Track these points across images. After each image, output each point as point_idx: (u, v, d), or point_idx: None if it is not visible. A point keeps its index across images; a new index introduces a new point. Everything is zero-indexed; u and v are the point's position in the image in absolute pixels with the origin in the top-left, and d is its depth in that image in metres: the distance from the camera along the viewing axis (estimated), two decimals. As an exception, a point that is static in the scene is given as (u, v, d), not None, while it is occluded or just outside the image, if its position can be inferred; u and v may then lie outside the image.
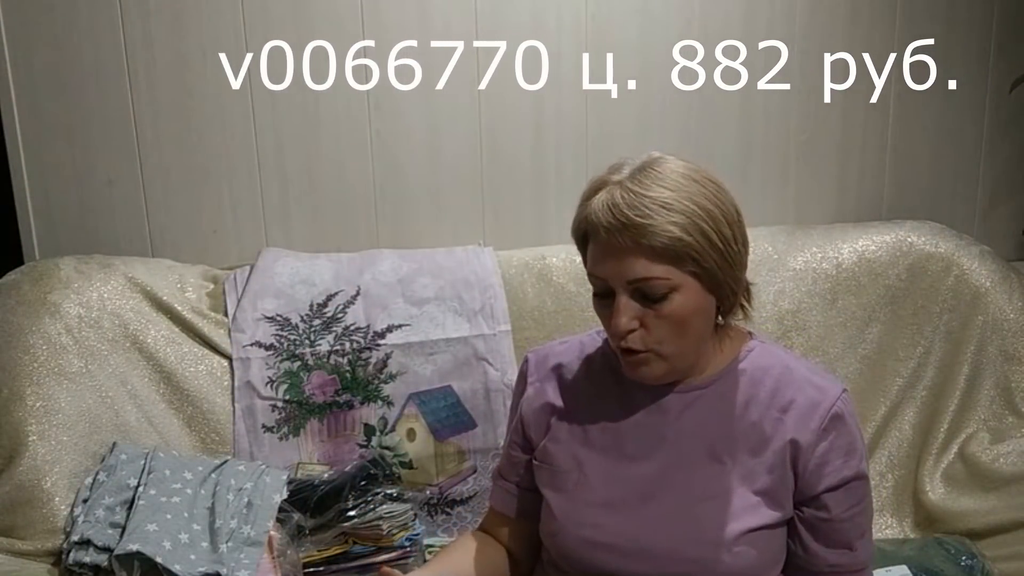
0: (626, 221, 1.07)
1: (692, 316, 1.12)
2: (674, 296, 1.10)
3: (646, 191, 1.08)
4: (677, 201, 1.08)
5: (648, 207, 1.07)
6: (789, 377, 1.19)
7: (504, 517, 1.33)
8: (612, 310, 1.12)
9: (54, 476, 1.54)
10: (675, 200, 1.08)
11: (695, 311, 1.12)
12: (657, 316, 1.11)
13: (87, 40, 1.84)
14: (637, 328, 1.11)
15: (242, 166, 1.95)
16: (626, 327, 1.11)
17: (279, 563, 1.50)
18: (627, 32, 1.96)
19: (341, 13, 1.89)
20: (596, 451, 1.22)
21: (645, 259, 1.08)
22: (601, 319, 1.17)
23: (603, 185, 1.12)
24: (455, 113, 1.97)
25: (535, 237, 2.04)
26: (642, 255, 1.08)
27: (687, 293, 1.11)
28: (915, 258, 1.94)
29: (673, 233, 1.07)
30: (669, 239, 1.07)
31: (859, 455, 1.17)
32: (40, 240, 1.92)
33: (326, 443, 1.79)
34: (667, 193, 1.08)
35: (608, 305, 1.13)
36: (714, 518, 1.15)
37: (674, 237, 1.07)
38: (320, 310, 1.82)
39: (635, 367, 1.15)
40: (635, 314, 1.11)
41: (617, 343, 1.14)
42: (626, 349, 1.13)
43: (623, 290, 1.10)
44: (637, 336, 1.12)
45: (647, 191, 1.08)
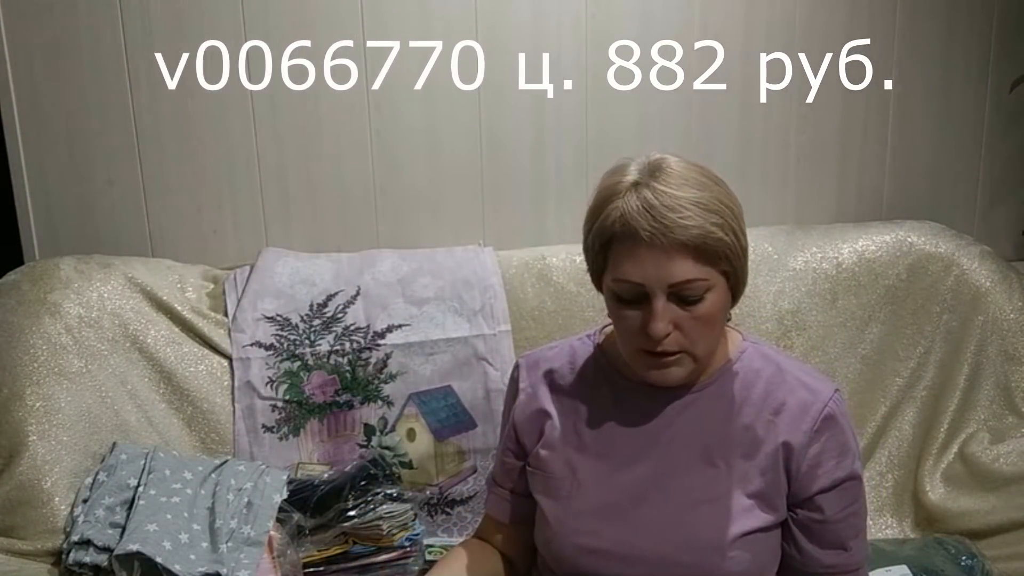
0: (669, 223, 1.06)
1: (720, 314, 1.13)
2: (708, 296, 1.10)
3: (677, 191, 1.07)
4: (710, 201, 1.08)
5: (687, 207, 1.06)
6: (781, 379, 1.19)
7: (499, 523, 1.33)
8: (642, 315, 1.10)
9: (54, 476, 1.54)
10: (708, 200, 1.08)
11: (723, 308, 1.13)
12: (692, 317, 1.10)
13: (87, 40, 1.84)
14: (672, 331, 1.10)
15: (242, 166, 1.95)
16: (665, 331, 1.09)
17: (279, 563, 1.50)
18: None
19: (341, 12, 1.89)
20: (590, 456, 1.22)
21: (690, 261, 1.07)
22: (623, 326, 1.14)
23: (617, 190, 1.10)
24: (455, 113, 1.97)
25: (535, 237, 2.04)
26: (687, 256, 1.07)
27: (718, 292, 1.11)
28: (915, 258, 1.94)
29: (715, 233, 1.07)
30: (713, 239, 1.07)
31: (852, 456, 1.17)
32: (40, 240, 1.92)
33: (326, 443, 1.79)
34: (697, 193, 1.08)
35: (636, 310, 1.11)
36: (708, 522, 1.15)
37: (716, 237, 1.07)
38: (320, 310, 1.82)
39: (664, 368, 1.13)
40: (671, 317, 1.10)
41: (650, 347, 1.11)
42: (659, 352, 1.11)
43: (661, 294, 1.09)
44: (672, 339, 1.11)
45: (678, 191, 1.07)
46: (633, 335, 1.13)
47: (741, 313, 1.87)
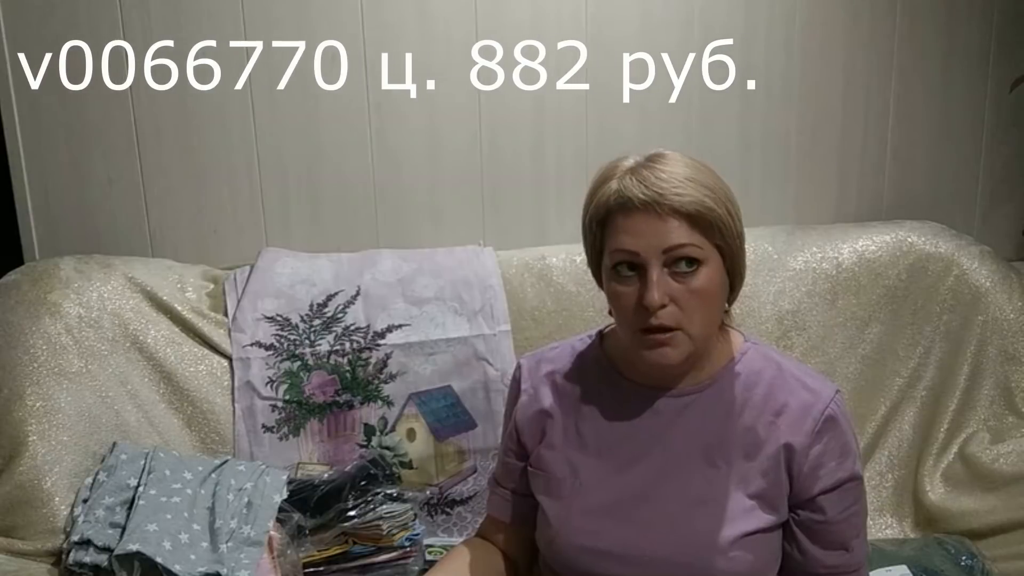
0: (661, 191, 1.10)
1: (717, 293, 1.15)
2: (703, 269, 1.12)
3: (671, 167, 1.12)
4: (703, 179, 1.13)
5: (681, 181, 1.11)
6: (782, 380, 1.19)
7: (501, 523, 1.33)
8: (639, 289, 1.12)
9: (54, 476, 1.54)
10: (701, 178, 1.13)
11: (719, 289, 1.15)
12: (688, 290, 1.11)
13: (87, 40, 1.84)
14: (668, 304, 1.11)
15: (242, 166, 1.95)
16: (660, 300, 1.10)
17: (279, 563, 1.50)
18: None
19: (343, 14, 1.89)
20: (591, 456, 1.22)
21: (684, 225, 1.10)
22: (620, 304, 1.15)
23: (614, 172, 1.15)
24: (455, 113, 1.97)
25: (535, 237, 2.04)
26: (681, 221, 1.10)
27: (713, 268, 1.13)
28: (915, 258, 1.94)
29: (706, 203, 1.11)
30: (705, 207, 1.10)
31: (853, 456, 1.18)
32: (40, 240, 1.92)
33: (326, 443, 1.79)
34: (691, 171, 1.13)
35: (632, 286, 1.12)
36: (709, 523, 1.15)
37: (708, 206, 1.11)
38: (320, 310, 1.82)
39: (659, 346, 1.13)
40: (666, 290, 1.11)
41: (645, 323, 1.12)
42: (656, 327, 1.12)
43: (656, 262, 1.11)
44: (668, 312, 1.11)
45: (672, 167, 1.12)
46: (630, 314, 1.13)
47: (741, 313, 1.87)
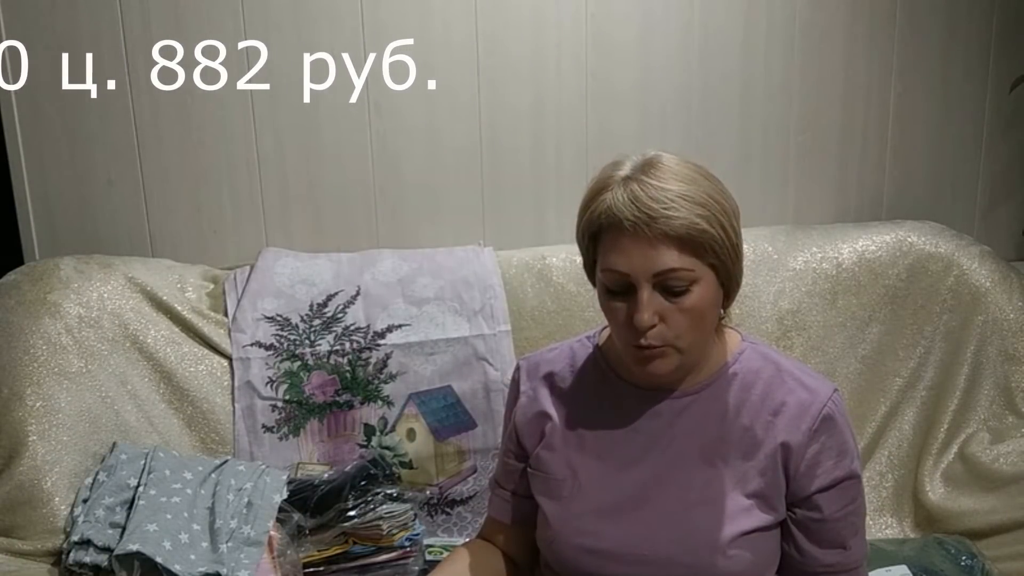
0: (652, 213, 1.07)
1: (709, 309, 1.13)
2: (695, 289, 1.10)
3: (664, 184, 1.08)
4: (697, 194, 1.09)
5: (672, 199, 1.07)
6: (780, 379, 1.19)
7: (502, 524, 1.33)
8: (629, 307, 1.11)
9: (54, 476, 1.54)
10: (694, 193, 1.09)
11: (712, 304, 1.13)
12: (678, 310, 1.10)
13: (87, 40, 1.84)
14: (657, 323, 1.10)
15: (242, 166, 1.95)
16: (649, 322, 1.09)
17: (279, 563, 1.50)
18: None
19: (343, 14, 1.89)
20: (590, 457, 1.22)
21: (674, 251, 1.08)
22: (612, 318, 1.15)
23: (608, 183, 1.12)
24: (455, 113, 1.97)
25: (535, 237, 2.04)
26: (671, 246, 1.08)
27: (706, 286, 1.11)
28: (915, 258, 1.94)
29: (700, 225, 1.08)
30: (697, 230, 1.07)
31: (851, 455, 1.18)
32: (40, 240, 1.92)
33: (326, 443, 1.79)
34: (684, 187, 1.09)
35: (624, 302, 1.12)
36: (708, 522, 1.15)
37: (700, 228, 1.08)
38: (320, 310, 1.82)
39: (649, 361, 1.13)
40: (657, 308, 1.10)
41: (636, 340, 1.12)
42: (645, 345, 1.11)
43: (646, 284, 1.09)
44: (657, 332, 1.11)
45: (665, 184, 1.08)
46: (621, 328, 1.14)
47: (741, 313, 1.87)
